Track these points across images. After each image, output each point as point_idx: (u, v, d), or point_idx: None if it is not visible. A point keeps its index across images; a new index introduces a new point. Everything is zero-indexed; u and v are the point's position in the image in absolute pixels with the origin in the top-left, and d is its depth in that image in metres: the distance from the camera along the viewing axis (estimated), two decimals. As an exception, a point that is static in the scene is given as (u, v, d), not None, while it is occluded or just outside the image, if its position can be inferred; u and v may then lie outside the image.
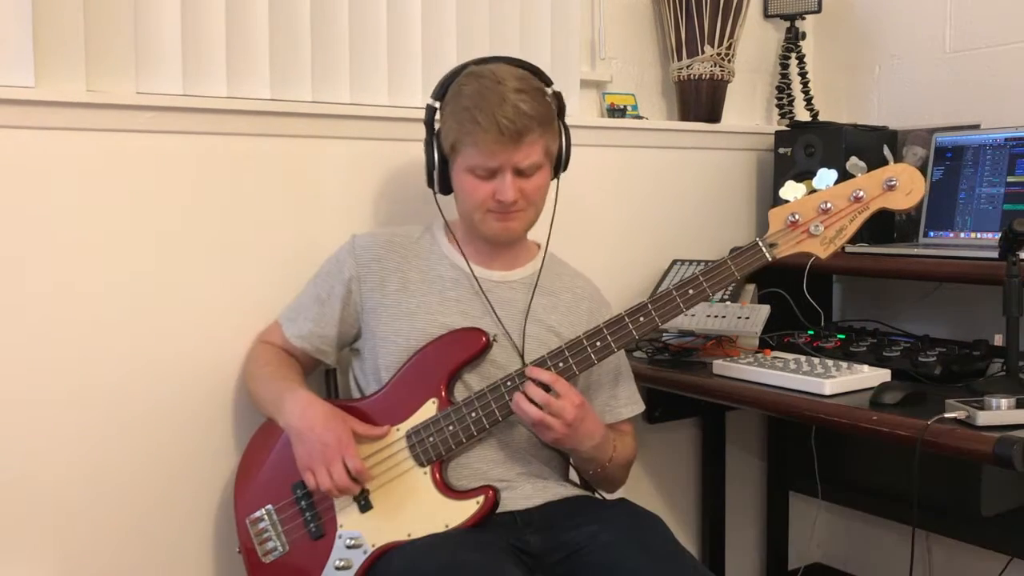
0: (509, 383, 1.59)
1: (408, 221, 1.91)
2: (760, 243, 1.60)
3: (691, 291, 1.60)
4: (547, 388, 1.56)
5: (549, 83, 1.71)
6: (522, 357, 1.66)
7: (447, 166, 1.70)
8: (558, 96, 1.72)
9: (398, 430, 1.64)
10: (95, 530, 1.74)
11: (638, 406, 1.84)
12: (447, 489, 1.61)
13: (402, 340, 1.68)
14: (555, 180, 1.74)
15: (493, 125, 1.58)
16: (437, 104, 1.70)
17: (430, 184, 1.73)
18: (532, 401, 1.55)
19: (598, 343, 1.60)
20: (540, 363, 1.60)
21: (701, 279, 1.59)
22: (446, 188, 1.72)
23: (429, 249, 1.77)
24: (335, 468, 1.57)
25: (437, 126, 1.70)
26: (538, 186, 1.67)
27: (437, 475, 1.61)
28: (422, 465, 1.62)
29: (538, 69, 1.71)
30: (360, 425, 1.63)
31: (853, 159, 1.59)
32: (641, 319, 1.60)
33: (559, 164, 1.73)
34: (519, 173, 1.63)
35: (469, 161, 1.64)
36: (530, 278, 1.76)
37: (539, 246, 1.82)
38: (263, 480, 1.71)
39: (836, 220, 1.58)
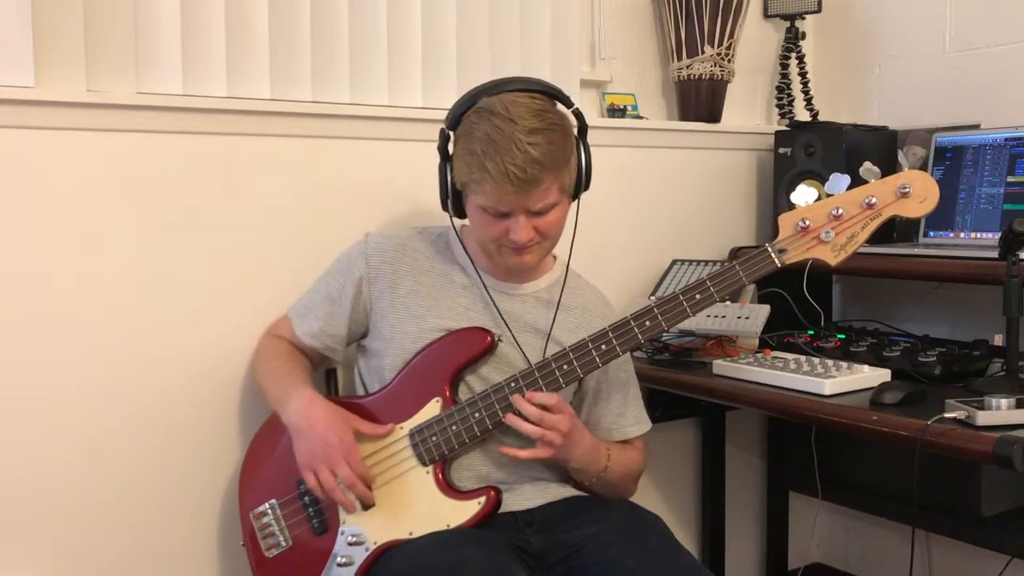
0: (513, 384, 1.59)
1: (408, 221, 1.91)
2: (769, 249, 1.58)
3: (698, 296, 1.58)
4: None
5: (569, 104, 1.65)
6: (530, 363, 1.65)
7: (460, 196, 1.66)
8: (578, 115, 1.67)
9: (402, 428, 1.64)
10: (97, 524, 1.74)
11: (644, 425, 1.83)
12: (449, 489, 1.61)
13: (408, 343, 1.67)
14: (576, 200, 1.68)
15: (503, 174, 1.52)
16: (451, 133, 1.64)
17: (444, 208, 1.69)
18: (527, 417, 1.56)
19: (603, 346, 1.59)
20: (544, 365, 1.59)
21: (709, 284, 1.58)
22: (461, 213, 1.68)
23: (443, 253, 1.76)
24: (339, 468, 1.56)
25: (451, 150, 1.65)
26: (553, 222, 1.62)
27: (439, 475, 1.61)
28: (424, 464, 1.62)
29: (557, 92, 1.63)
30: (363, 424, 1.63)
31: (867, 164, 1.56)
32: (647, 323, 1.59)
33: (579, 186, 1.67)
34: (534, 213, 1.59)
35: (480, 201, 1.60)
36: (544, 291, 1.75)
37: (555, 257, 1.80)
38: (268, 474, 1.71)
39: (847, 226, 1.55)
